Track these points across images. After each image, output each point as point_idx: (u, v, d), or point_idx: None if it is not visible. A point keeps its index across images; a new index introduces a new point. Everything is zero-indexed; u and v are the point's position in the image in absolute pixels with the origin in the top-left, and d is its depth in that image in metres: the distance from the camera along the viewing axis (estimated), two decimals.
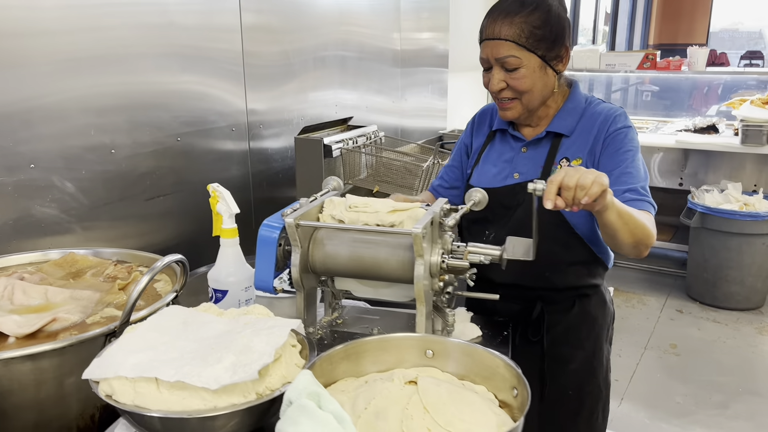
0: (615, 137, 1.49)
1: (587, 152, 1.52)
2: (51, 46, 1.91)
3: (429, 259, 1.19)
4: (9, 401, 1.26)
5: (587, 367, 1.65)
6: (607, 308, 1.69)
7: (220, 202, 1.37)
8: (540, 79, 1.48)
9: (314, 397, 0.90)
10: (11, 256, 1.71)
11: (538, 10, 1.45)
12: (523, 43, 1.44)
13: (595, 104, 1.58)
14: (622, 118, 1.53)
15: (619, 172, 1.46)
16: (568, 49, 1.51)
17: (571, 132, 1.54)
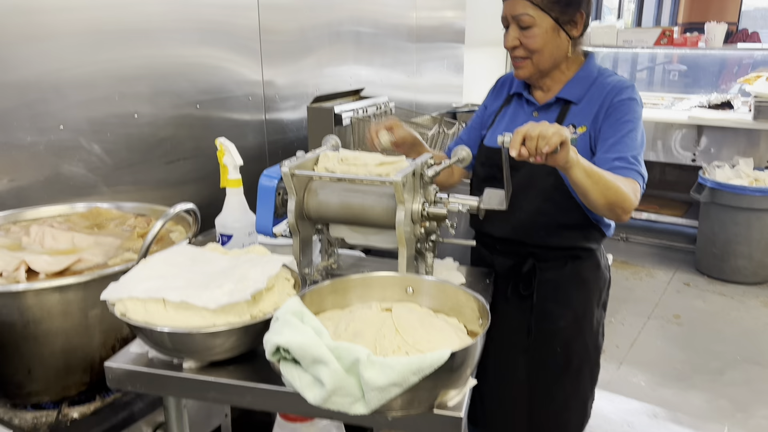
0: (618, 107, 1.54)
1: (591, 120, 1.57)
2: (78, 21, 2.07)
3: (410, 207, 1.32)
4: (40, 328, 1.44)
5: (575, 326, 1.72)
6: (600, 273, 1.75)
7: (226, 155, 1.52)
8: (552, 40, 1.54)
9: (298, 315, 1.05)
10: (42, 208, 1.88)
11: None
12: (538, 2, 1.50)
13: (607, 75, 1.62)
14: (628, 91, 1.56)
15: (614, 141, 1.52)
16: (584, 15, 1.55)
17: (580, 100, 1.60)
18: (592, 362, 1.79)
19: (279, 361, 1.03)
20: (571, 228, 1.65)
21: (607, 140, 1.53)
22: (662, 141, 4.56)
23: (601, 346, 1.83)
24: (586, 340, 1.75)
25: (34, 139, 1.99)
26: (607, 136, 1.54)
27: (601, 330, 1.81)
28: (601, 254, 1.76)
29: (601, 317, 1.79)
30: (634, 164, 1.50)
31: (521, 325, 1.72)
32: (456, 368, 1.06)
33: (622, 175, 1.47)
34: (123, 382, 1.22)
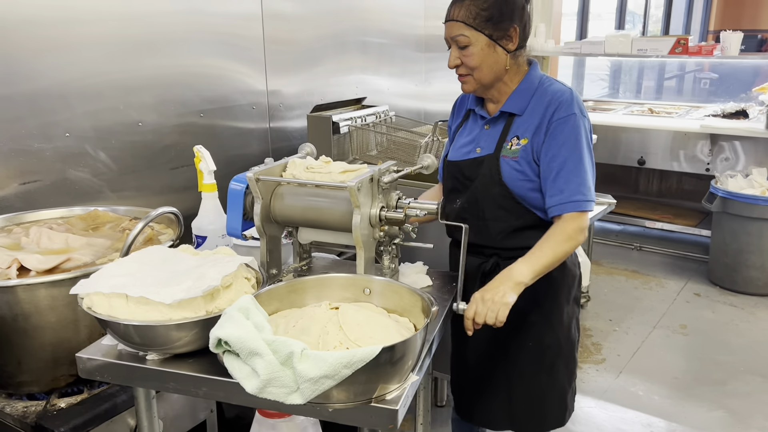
0: (557, 126, 1.60)
1: (533, 132, 1.63)
2: (86, 33, 2.19)
3: (368, 211, 1.39)
4: (29, 322, 1.55)
5: (545, 321, 1.78)
6: (566, 270, 1.79)
7: (202, 161, 1.61)
8: (489, 56, 1.62)
9: (243, 311, 1.12)
10: (43, 211, 2.00)
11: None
12: (471, 23, 1.59)
13: (547, 85, 1.68)
14: (565, 105, 1.61)
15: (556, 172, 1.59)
16: (517, 29, 1.62)
17: (523, 111, 1.66)
18: (567, 356, 1.84)
19: (224, 353, 1.11)
20: (528, 228, 1.71)
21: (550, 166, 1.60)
22: (677, 150, 4.52)
23: (576, 340, 1.88)
24: (558, 334, 1.80)
25: (41, 146, 2.12)
26: (548, 158, 1.60)
27: (575, 324, 1.87)
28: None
29: (573, 312, 1.85)
30: (580, 202, 1.60)
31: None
32: (394, 363, 1.12)
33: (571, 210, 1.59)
34: (93, 372, 1.31)
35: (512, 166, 1.64)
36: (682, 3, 10.08)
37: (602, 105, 5.39)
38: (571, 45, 5.12)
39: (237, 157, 2.83)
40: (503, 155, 1.65)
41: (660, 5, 9.49)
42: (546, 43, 5.16)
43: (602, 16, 8.19)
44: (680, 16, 10.10)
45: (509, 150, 1.65)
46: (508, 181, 1.63)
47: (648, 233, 4.99)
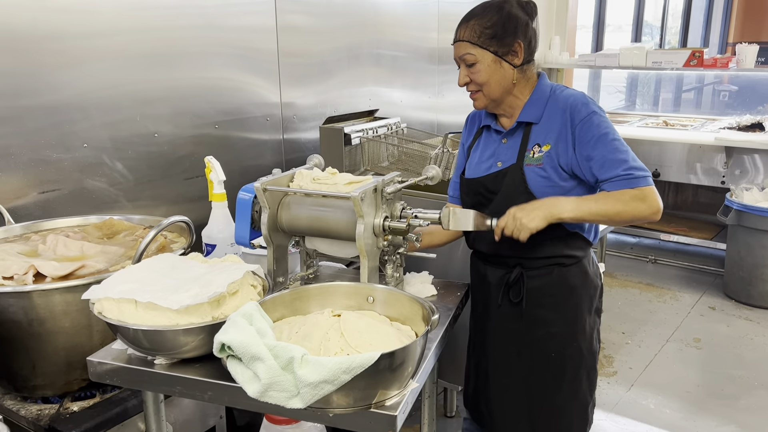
0: (582, 127, 1.64)
1: (555, 139, 1.67)
2: (104, 46, 2.26)
3: (372, 221, 1.42)
4: (44, 327, 1.59)
5: (567, 331, 1.78)
6: (588, 279, 1.81)
7: (212, 172, 1.65)
8: (496, 72, 1.67)
9: (247, 317, 1.16)
10: (60, 219, 2.06)
11: (490, 12, 1.67)
12: (476, 41, 1.66)
13: (559, 91, 1.72)
14: (582, 106, 1.65)
15: (601, 161, 1.61)
16: (522, 44, 1.67)
17: (539, 119, 1.70)
18: (588, 366, 1.83)
19: (227, 357, 1.14)
20: (551, 239, 1.72)
21: (592, 161, 1.63)
22: (692, 163, 4.50)
23: (597, 351, 1.88)
24: (580, 345, 1.80)
25: (60, 156, 2.19)
26: (588, 158, 1.63)
27: (596, 336, 1.87)
28: (590, 262, 1.82)
29: (594, 323, 1.85)
30: (632, 173, 1.60)
31: (516, 331, 1.80)
32: (393, 369, 1.15)
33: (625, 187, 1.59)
34: (103, 375, 1.35)
35: (538, 173, 1.66)
36: (701, 15, 10.03)
37: (617, 117, 5.38)
38: (585, 57, 5.13)
39: (251, 167, 2.88)
40: (527, 164, 1.68)
41: (678, 17, 9.45)
42: (561, 55, 5.18)
43: (623, 28, 8.19)
44: (698, 29, 10.05)
45: (532, 158, 1.68)
46: (534, 188, 1.65)
47: (663, 246, 4.95)
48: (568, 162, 1.65)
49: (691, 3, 9.40)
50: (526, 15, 1.71)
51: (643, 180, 1.61)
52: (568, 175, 1.67)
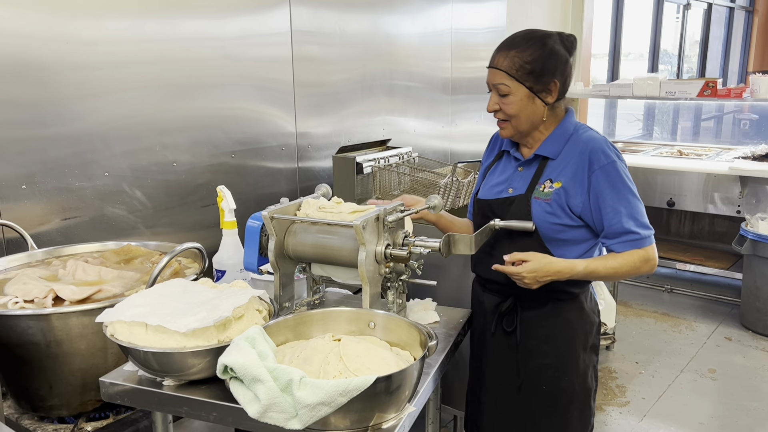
0: (599, 175, 1.65)
1: (568, 178, 1.68)
2: (125, 77, 2.36)
3: (374, 249, 1.47)
4: (61, 348, 1.66)
5: (559, 364, 1.78)
6: (584, 315, 1.82)
7: (224, 200, 1.72)
8: (527, 107, 1.67)
9: (250, 340, 1.21)
10: (80, 245, 2.14)
11: (533, 46, 1.65)
12: (514, 74, 1.64)
13: (581, 132, 1.73)
14: (602, 154, 1.66)
15: (612, 215, 1.65)
16: (558, 83, 1.67)
17: (557, 155, 1.71)
18: (581, 403, 1.82)
19: (230, 379, 1.19)
20: None
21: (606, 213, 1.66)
22: (707, 192, 4.50)
23: (593, 389, 1.87)
24: (572, 380, 1.80)
25: (82, 184, 2.28)
26: (603, 207, 1.66)
27: (591, 373, 1.86)
28: (587, 298, 1.83)
29: (590, 360, 1.85)
30: (640, 234, 1.65)
31: (509, 361, 1.81)
32: (390, 393, 1.19)
33: (633, 248, 1.65)
34: (114, 396, 1.40)
35: (543, 208, 1.67)
36: (719, 44, 10.04)
37: (632, 146, 5.41)
38: (599, 87, 5.18)
39: (266, 195, 2.96)
40: (535, 196, 1.69)
41: (695, 45, 9.48)
42: (575, 85, 5.23)
43: (643, 56, 8.23)
44: (717, 57, 10.05)
45: (542, 192, 1.69)
46: (537, 221, 1.67)
47: (679, 275, 4.93)
48: (578, 205, 1.67)
49: (709, 32, 9.42)
50: (566, 52, 1.69)
51: (648, 240, 1.66)
52: (575, 215, 1.69)
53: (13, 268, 1.95)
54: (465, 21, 4.07)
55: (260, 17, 2.81)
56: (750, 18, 10.81)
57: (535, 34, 1.69)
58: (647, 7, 7.86)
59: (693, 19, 9.10)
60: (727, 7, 9.99)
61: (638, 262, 1.66)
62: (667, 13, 8.10)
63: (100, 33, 2.25)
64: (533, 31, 1.71)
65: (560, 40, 1.69)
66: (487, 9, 4.31)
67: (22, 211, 2.11)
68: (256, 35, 2.81)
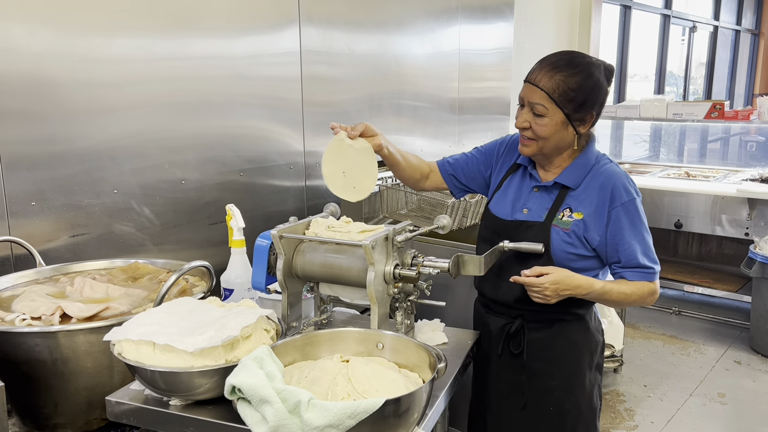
0: (620, 212, 1.66)
1: (590, 211, 1.68)
2: (135, 95, 2.37)
3: (383, 269, 1.47)
4: (68, 366, 1.65)
5: (566, 385, 1.78)
6: (590, 335, 1.82)
7: (233, 219, 1.72)
8: (559, 132, 1.65)
9: (258, 360, 1.20)
10: (88, 262, 2.13)
11: (580, 74, 1.61)
12: (555, 97, 1.61)
13: (603, 164, 1.73)
14: (624, 191, 1.67)
15: (628, 249, 1.67)
16: (594, 115, 1.67)
17: (577, 185, 1.70)
18: (588, 423, 1.82)
19: (238, 400, 1.18)
20: None
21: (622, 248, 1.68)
22: (715, 214, 4.48)
23: (598, 408, 1.87)
24: (579, 400, 1.80)
25: (90, 201, 2.28)
26: (620, 242, 1.68)
27: (597, 392, 1.86)
28: (592, 317, 1.83)
29: (595, 379, 1.84)
30: (652, 269, 1.70)
31: (515, 383, 1.81)
32: (398, 416, 1.17)
33: (645, 279, 1.69)
34: (120, 415, 1.39)
35: (562, 237, 1.67)
36: (725, 66, 10.07)
37: (639, 168, 5.40)
38: (606, 108, 5.17)
39: (274, 213, 2.96)
40: (554, 225, 1.68)
41: (701, 67, 9.51)
42: None
43: (649, 78, 8.27)
44: (723, 80, 10.08)
45: (561, 221, 1.68)
46: (555, 251, 1.67)
47: (687, 297, 4.89)
48: (596, 239, 1.68)
49: (715, 54, 9.46)
50: (607, 83, 1.68)
51: (657, 275, 1.72)
52: (591, 248, 1.70)
53: (20, 285, 1.94)
54: (472, 42, 4.10)
55: (270, 37, 2.83)
56: (756, 41, 10.86)
57: (583, 61, 1.65)
58: (653, 29, 7.91)
59: (699, 42, 9.14)
60: (732, 30, 10.04)
61: (647, 294, 1.70)
62: (673, 36, 8.15)
63: (111, 51, 2.26)
64: (580, 56, 1.66)
65: (604, 70, 1.67)
66: (494, 30, 4.34)
67: (31, 227, 2.12)
68: (266, 54, 2.82)
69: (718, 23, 9.36)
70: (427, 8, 3.74)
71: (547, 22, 5.09)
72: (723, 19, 9.51)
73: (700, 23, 8.85)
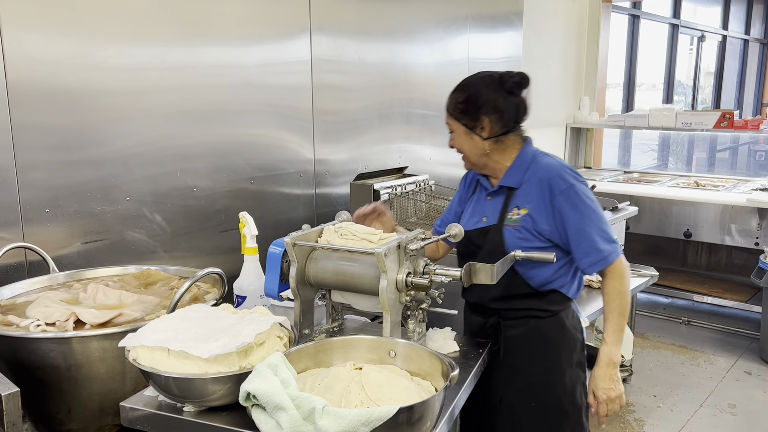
0: (560, 201, 1.76)
1: (533, 205, 1.80)
2: (148, 103, 2.39)
3: (395, 277, 1.47)
4: (81, 372, 1.66)
5: (544, 381, 1.84)
6: (566, 332, 1.88)
7: (246, 226, 1.73)
8: (467, 141, 1.84)
9: (272, 367, 1.21)
10: (101, 269, 2.15)
11: (465, 89, 1.83)
12: (452, 113, 1.85)
13: (539, 159, 1.85)
14: (560, 179, 1.78)
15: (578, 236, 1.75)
16: (487, 119, 1.80)
17: (520, 184, 1.84)
18: (572, 421, 1.87)
19: (252, 406, 1.19)
20: (525, 296, 1.82)
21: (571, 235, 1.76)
22: (724, 223, 4.47)
23: (583, 406, 1.90)
24: (559, 396, 1.85)
25: (103, 209, 2.30)
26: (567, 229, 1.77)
27: (580, 389, 1.90)
28: (568, 315, 1.88)
29: (577, 377, 1.89)
30: (606, 252, 1.75)
31: (497, 379, 1.87)
32: (412, 423, 1.18)
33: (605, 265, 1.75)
34: (134, 421, 1.40)
35: (514, 234, 1.79)
36: (734, 75, 10.05)
37: (647, 177, 5.39)
38: (615, 118, 5.19)
39: (284, 221, 2.97)
40: (506, 224, 1.81)
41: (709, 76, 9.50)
42: (590, 115, 5.25)
43: (656, 87, 8.27)
44: (732, 89, 10.06)
45: (511, 219, 1.81)
46: (509, 248, 1.75)
47: (697, 307, 4.87)
48: (546, 229, 1.78)
49: (724, 63, 9.45)
50: (497, 92, 1.81)
51: (613, 254, 1.76)
52: (545, 239, 1.79)
53: (34, 291, 1.96)
54: (481, 51, 4.12)
55: (282, 46, 2.85)
56: (764, 50, 10.84)
57: (472, 78, 1.87)
58: (662, 38, 7.91)
59: (707, 51, 9.14)
60: (741, 39, 10.03)
61: (619, 286, 1.76)
62: (681, 45, 8.14)
63: (125, 60, 2.29)
64: (474, 74, 1.88)
65: (498, 79, 1.82)
66: (503, 39, 4.35)
67: (45, 234, 2.14)
68: (277, 63, 2.85)
69: (726, 33, 9.35)
70: (436, 17, 3.76)
71: (555, 31, 5.11)
72: (731, 29, 9.50)
73: (709, 32, 8.84)
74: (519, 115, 1.85)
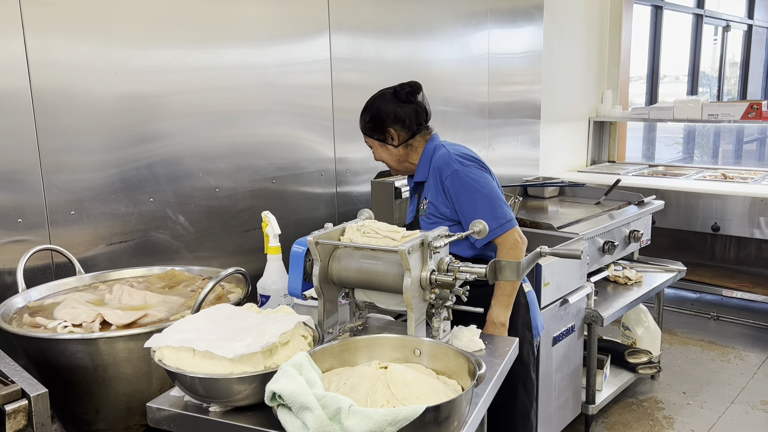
0: (448, 185, 1.99)
1: (432, 193, 2.05)
2: (171, 105, 2.41)
3: (419, 274, 1.46)
4: (108, 372, 1.67)
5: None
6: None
7: (268, 226, 1.73)
8: (384, 153, 2.15)
9: (297, 367, 1.20)
10: (125, 270, 2.16)
11: (369, 111, 2.13)
12: (365, 132, 2.16)
13: (437, 150, 2.07)
14: (445, 166, 2.00)
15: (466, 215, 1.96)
16: (393, 130, 2.09)
17: (426, 177, 2.10)
18: (523, 377, 2.07)
19: (278, 406, 1.18)
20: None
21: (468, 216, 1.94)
22: (754, 216, 4.37)
23: (530, 363, 2.09)
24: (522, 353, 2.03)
25: (128, 210, 2.32)
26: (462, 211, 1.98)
27: (527, 348, 2.07)
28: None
29: (524, 337, 2.05)
30: (492, 227, 1.90)
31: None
32: (439, 423, 1.16)
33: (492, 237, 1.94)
34: (160, 421, 1.41)
35: (425, 221, 2.08)
36: (760, 66, 9.85)
37: (673, 170, 5.30)
38: (639, 111, 5.11)
39: (305, 220, 2.98)
40: (420, 215, 2.10)
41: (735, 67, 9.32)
42: (613, 108, 5.18)
43: (680, 79, 8.13)
44: (759, 79, 9.85)
45: (422, 209, 2.09)
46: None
47: (726, 302, 4.78)
48: (446, 211, 2.01)
49: (750, 54, 9.26)
50: (395, 103, 2.08)
51: (499, 229, 1.94)
52: (451, 220, 2.01)
53: (61, 292, 1.98)
54: (502, 46, 4.08)
55: (301, 45, 2.85)
56: None
57: (372, 98, 2.15)
58: (685, 29, 7.77)
59: (732, 41, 8.96)
60: (767, 29, 9.82)
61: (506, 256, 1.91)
62: (705, 35, 7.99)
63: (147, 63, 2.30)
64: (373, 95, 2.17)
65: (393, 92, 2.11)
66: (523, 34, 4.31)
67: (70, 236, 2.16)
68: (297, 63, 2.85)
69: (752, 22, 9.16)
70: (455, 13, 3.73)
71: (577, 25, 5.04)
72: (757, 18, 9.30)
73: (734, 22, 8.67)
74: (420, 118, 2.10)
